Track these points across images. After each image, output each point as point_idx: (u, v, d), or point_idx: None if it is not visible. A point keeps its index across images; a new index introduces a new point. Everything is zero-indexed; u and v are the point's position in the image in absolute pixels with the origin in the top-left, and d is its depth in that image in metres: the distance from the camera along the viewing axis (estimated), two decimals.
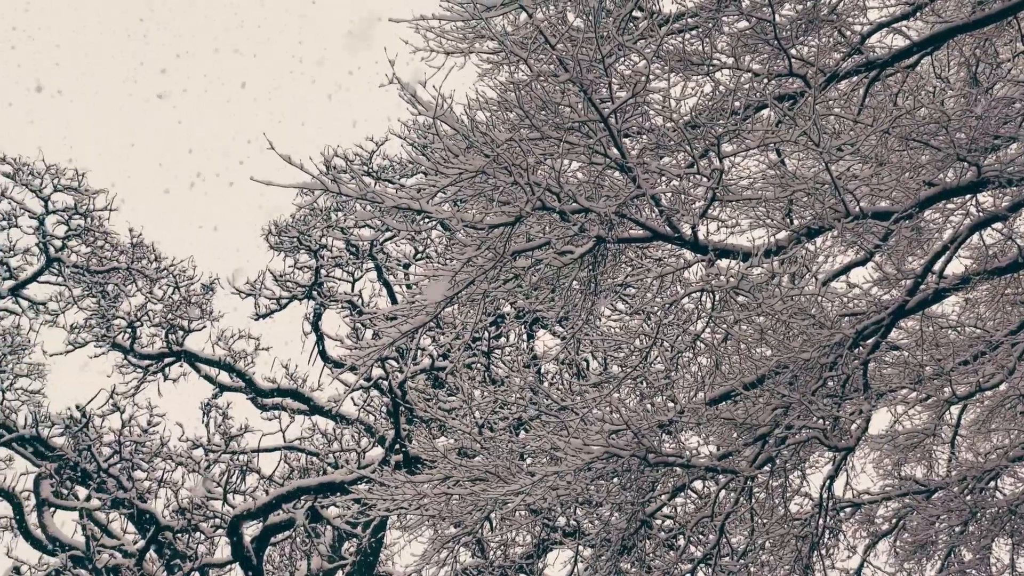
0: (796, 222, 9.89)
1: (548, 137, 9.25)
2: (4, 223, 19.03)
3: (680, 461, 9.76)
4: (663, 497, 11.16)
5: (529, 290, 10.39)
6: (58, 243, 19.19)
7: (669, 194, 9.55)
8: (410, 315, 9.59)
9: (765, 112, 10.20)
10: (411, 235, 19.57)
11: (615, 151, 9.38)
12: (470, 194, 9.79)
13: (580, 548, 13.26)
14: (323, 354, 20.61)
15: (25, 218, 19.21)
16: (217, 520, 18.19)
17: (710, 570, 11.21)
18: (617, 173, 9.86)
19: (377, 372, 18.40)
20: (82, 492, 19.02)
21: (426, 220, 18.15)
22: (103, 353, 20.35)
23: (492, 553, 14.64)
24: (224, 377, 20.87)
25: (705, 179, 9.29)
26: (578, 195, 9.07)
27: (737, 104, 9.51)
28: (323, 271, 20.56)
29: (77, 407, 18.77)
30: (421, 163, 19.39)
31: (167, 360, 20.70)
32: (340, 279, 21.04)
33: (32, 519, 18.93)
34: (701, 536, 12.31)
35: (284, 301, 20.77)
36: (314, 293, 20.47)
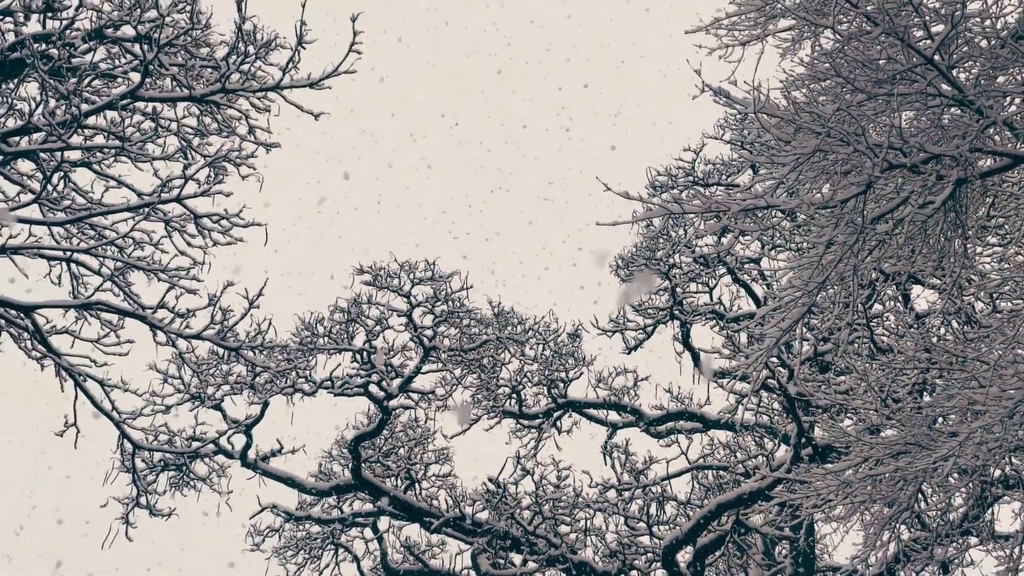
0: None
1: (875, 96, 8.98)
2: (377, 327, 20.13)
3: None
4: None
5: (896, 251, 10.06)
6: (429, 333, 20.12)
7: (1019, 116, 9.03)
8: (787, 310, 9.48)
9: None
10: (759, 232, 19.34)
11: (947, 87, 8.99)
12: (811, 176, 9.60)
13: None
14: (701, 368, 20.62)
15: (394, 318, 20.26)
16: (649, 555, 18.46)
17: None
18: (955, 109, 9.44)
19: (762, 372, 18.22)
20: (516, 558, 19.76)
21: (772, 213, 17.89)
22: (496, 423, 21.16)
23: (933, 523, 14.14)
24: (613, 416, 21.25)
25: None
26: (924, 144, 8.74)
27: None
28: (678, 289, 20.63)
29: (490, 480, 19.55)
30: (746, 157, 19.21)
31: (556, 414, 21.30)
32: (697, 292, 21.06)
33: None
34: None
35: (650, 328, 20.97)
36: (676, 312, 20.56)
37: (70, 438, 13.92)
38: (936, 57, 8.51)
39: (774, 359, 17.28)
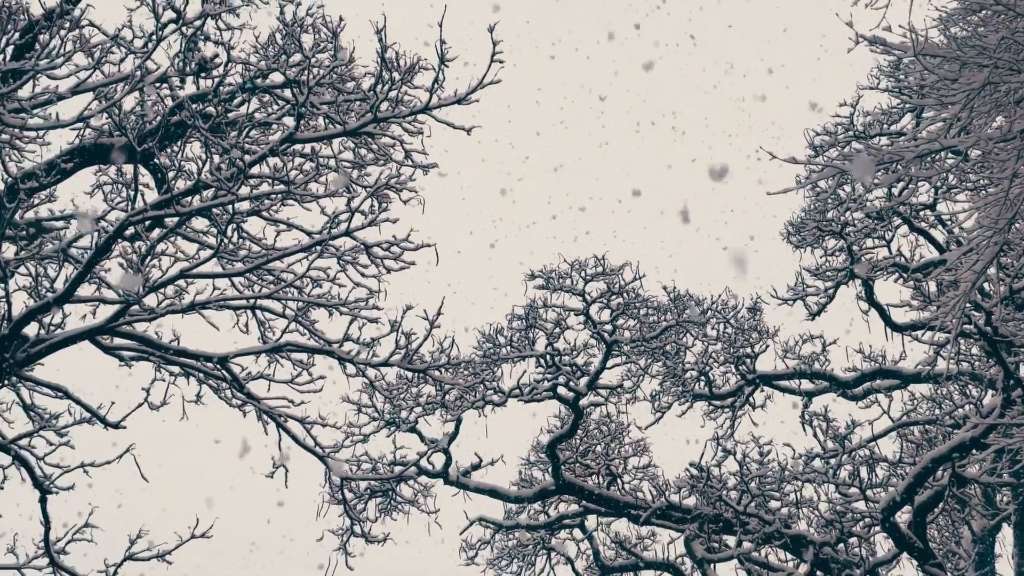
0: None
1: None
2: (557, 329, 20.16)
3: None
4: None
5: None
6: (608, 327, 20.05)
7: None
8: (979, 251, 9.16)
9: None
10: (937, 176, 18.73)
11: None
12: (983, 111, 9.25)
13: None
14: (891, 323, 20.09)
15: (572, 317, 20.25)
16: (866, 520, 18.04)
17: None
18: None
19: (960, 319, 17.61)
20: (730, 540, 19.57)
21: (944, 156, 17.29)
22: (688, 408, 21.00)
23: None
24: (806, 384, 20.89)
25: None
26: None
27: None
28: (855, 247, 20.14)
29: (692, 465, 19.39)
30: (910, 102, 18.64)
31: (747, 390, 21.04)
32: (874, 247, 20.53)
33: None
34: None
35: (831, 291, 20.55)
36: (855, 270, 20.07)
37: (279, 478, 14.36)
38: None
39: (968, 304, 16.69)
